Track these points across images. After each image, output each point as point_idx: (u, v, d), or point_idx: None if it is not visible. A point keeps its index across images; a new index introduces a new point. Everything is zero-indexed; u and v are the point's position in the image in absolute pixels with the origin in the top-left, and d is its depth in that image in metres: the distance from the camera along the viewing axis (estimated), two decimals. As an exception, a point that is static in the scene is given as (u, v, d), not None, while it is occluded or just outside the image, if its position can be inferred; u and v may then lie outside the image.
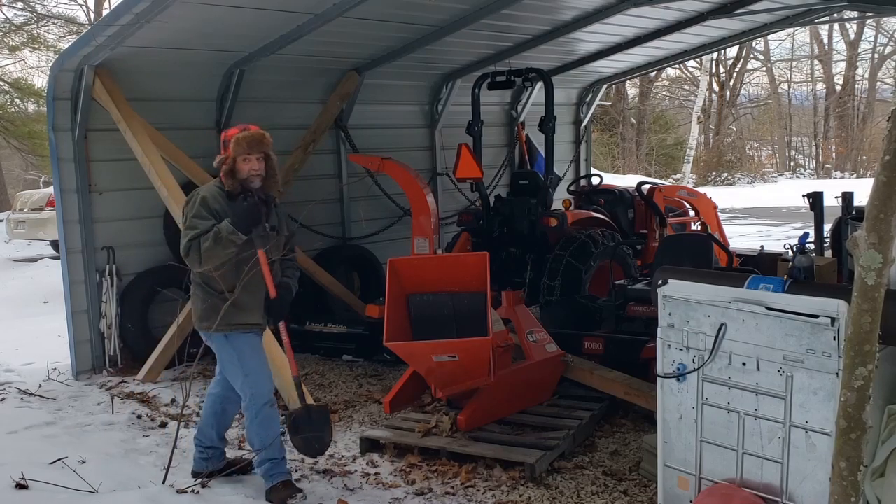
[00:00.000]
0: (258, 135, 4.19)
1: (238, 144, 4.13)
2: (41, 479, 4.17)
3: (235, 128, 4.25)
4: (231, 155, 4.15)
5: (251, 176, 4.18)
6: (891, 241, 2.25)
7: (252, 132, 4.18)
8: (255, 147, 4.17)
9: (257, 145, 4.17)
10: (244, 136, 4.15)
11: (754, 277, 3.62)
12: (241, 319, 4.26)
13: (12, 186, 25.24)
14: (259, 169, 4.20)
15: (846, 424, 2.38)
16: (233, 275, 4.19)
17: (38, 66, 24.54)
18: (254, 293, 4.25)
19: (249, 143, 4.14)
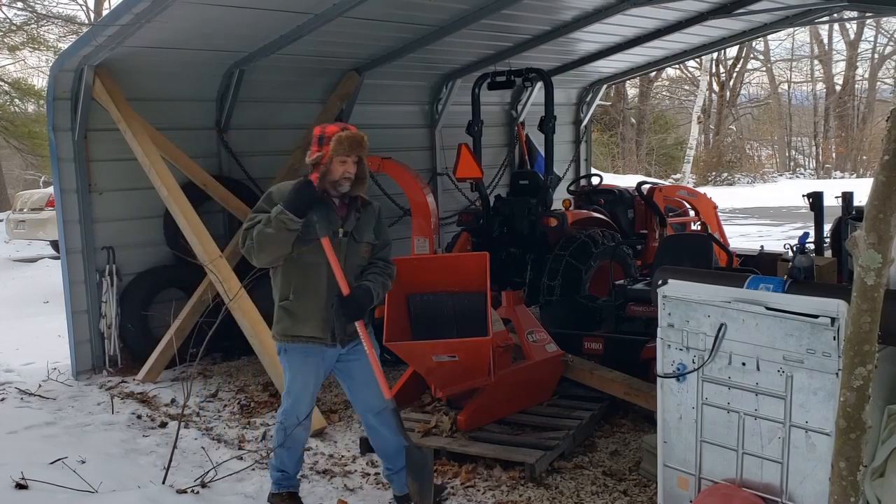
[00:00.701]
0: (358, 136, 3.91)
1: (339, 144, 3.83)
2: (41, 479, 4.17)
3: (335, 125, 3.98)
4: (329, 154, 3.85)
5: (343, 179, 3.90)
6: (890, 241, 2.25)
7: (353, 133, 3.90)
8: (356, 148, 3.88)
9: (357, 147, 3.89)
10: (346, 136, 3.85)
11: (754, 277, 3.62)
12: (296, 331, 4.00)
13: (12, 186, 25.24)
14: (353, 172, 3.92)
15: (846, 424, 2.38)
16: (293, 280, 3.99)
17: (37, 66, 24.56)
18: (310, 301, 3.96)
19: (350, 145, 3.85)
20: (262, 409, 5.97)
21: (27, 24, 21.09)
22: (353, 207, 4.03)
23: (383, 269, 4.13)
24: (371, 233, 4.09)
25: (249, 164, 7.76)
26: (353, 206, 4.04)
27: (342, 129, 3.92)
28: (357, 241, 4.03)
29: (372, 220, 4.12)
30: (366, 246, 4.08)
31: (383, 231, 4.20)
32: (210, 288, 6.54)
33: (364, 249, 4.08)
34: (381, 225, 4.19)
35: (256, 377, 6.65)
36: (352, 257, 4.01)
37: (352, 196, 4.01)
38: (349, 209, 4.02)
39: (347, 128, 3.97)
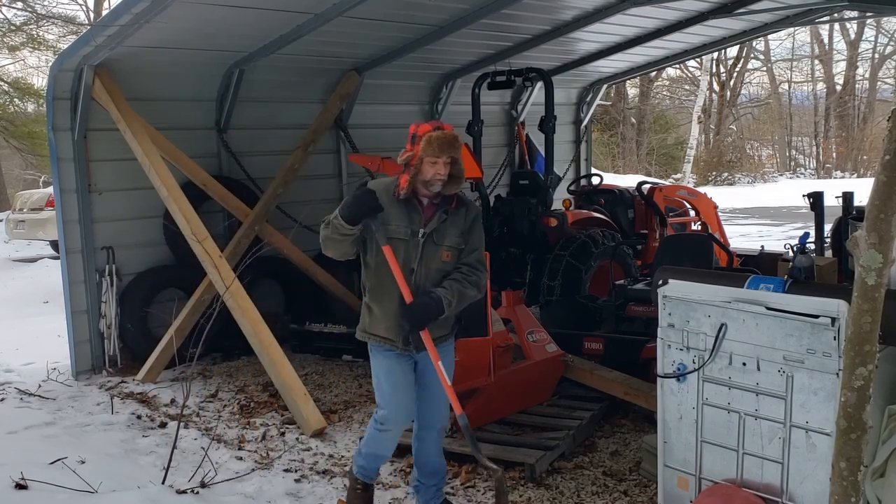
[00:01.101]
0: (451, 136, 3.73)
1: (429, 144, 3.67)
2: (41, 479, 4.16)
3: (429, 124, 3.80)
4: (419, 154, 3.70)
5: (434, 179, 3.73)
6: (891, 241, 2.25)
7: (446, 133, 3.72)
8: (447, 149, 3.69)
9: (448, 147, 3.70)
10: (437, 136, 3.69)
11: (754, 277, 3.62)
12: (373, 330, 3.91)
13: (12, 186, 25.23)
14: (444, 173, 3.73)
15: (846, 424, 2.37)
16: (370, 279, 3.91)
17: (37, 66, 24.58)
18: (384, 302, 3.86)
19: (441, 145, 3.67)
20: (262, 409, 5.97)
21: (27, 24, 21.09)
22: (441, 208, 3.84)
23: (465, 276, 3.85)
24: (457, 236, 3.85)
25: (249, 164, 7.76)
26: (442, 206, 3.84)
27: (435, 129, 3.74)
28: (436, 243, 3.82)
29: (460, 223, 3.87)
30: (446, 250, 3.84)
31: (475, 235, 3.92)
32: (210, 288, 6.54)
33: (444, 253, 3.84)
34: (473, 228, 3.91)
35: (256, 377, 6.64)
36: (429, 261, 3.82)
37: (445, 195, 3.83)
38: (436, 209, 3.84)
39: (441, 126, 3.78)
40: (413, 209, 3.82)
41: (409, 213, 3.82)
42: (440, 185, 3.76)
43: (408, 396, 3.94)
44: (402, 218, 3.81)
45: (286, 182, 7.59)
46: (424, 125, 3.81)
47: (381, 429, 3.96)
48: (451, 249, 3.85)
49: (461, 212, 3.88)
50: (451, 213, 3.85)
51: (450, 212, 3.85)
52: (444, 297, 3.74)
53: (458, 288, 3.80)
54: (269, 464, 4.91)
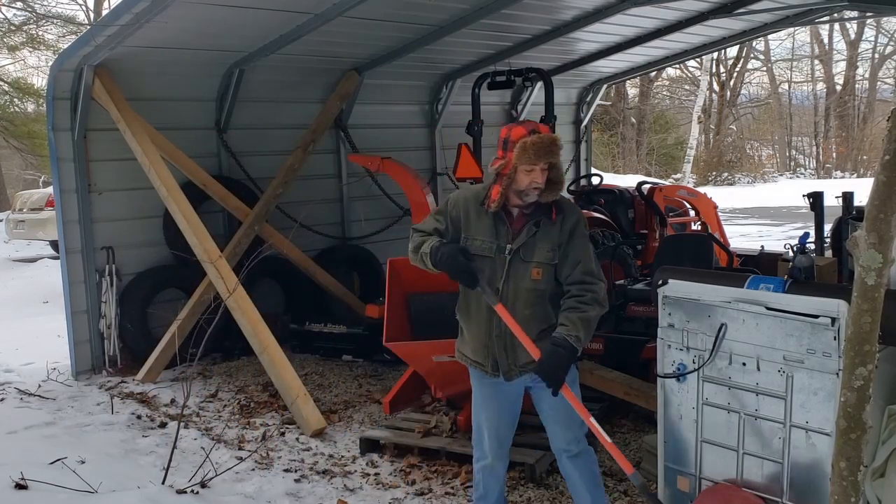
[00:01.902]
0: (548, 140, 3.33)
1: (524, 152, 3.29)
2: (41, 479, 4.16)
3: (523, 126, 3.39)
4: (513, 162, 3.33)
5: (530, 189, 3.36)
6: (891, 241, 2.25)
7: (542, 137, 3.32)
8: (544, 155, 3.32)
9: (546, 153, 3.32)
10: (533, 141, 3.30)
11: (754, 277, 3.61)
12: (463, 349, 3.66)
13: (12, 186, 25.24)
14: (542, 181, 3.36)
15: (846, 424, 2.37)
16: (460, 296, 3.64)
17: (37, 65, 24.58)
18: (472, 323, 3.56)
19: (538, 152, 3.30)
20: (262, 409, 5.97)
21: (27, 24, 21.09)
22: (532, 219, 3.44)
23: (578, 299, 3.41)
24: (549, 251, 3.42)
25: (249, 164, 7.76)
26: (534, 216, 3.44)
27: (529, 132, 3.34)
28: (524, 260, 3.43)
29: (555, 235, 3.44)
30: (535, 266, 3.43)
31: (576, 245, 3.45)
32: (210, 288, 6.54)
33: (533, 271, 3.43)
34: (573, 238, 3.45)
35: (256, 377, 6.64)
36: (517, 279, 3.43)
37: (540, 203, 3.43)
38: (526, 221, 3.45)
39: (537, 129, 3.37)
40: (500, 221, 3.46)
41: (495, 225, 3.46)
42: (536, 195, 3.39)
43: (499, 427, 3.65)
44: (488, 232, 3.46)
45: (286, 182, 7.59)
46: (518, 128, 3.40)
47: (476, 461, 3.73)
48: (540, 266, 3.44)
49: (556, 223, 3.44)
50: (543, 224, 3.45)
51: (542, 223, 3.45)
52: (568, 335, 3.33)
53: (578, 317, 3.37)
54: (269, 464, 4.91)
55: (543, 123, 7.62)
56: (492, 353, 3.51)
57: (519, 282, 3.44)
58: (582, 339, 3.35)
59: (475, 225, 3.49)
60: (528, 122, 3.45)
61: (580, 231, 3.49)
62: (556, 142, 3.38)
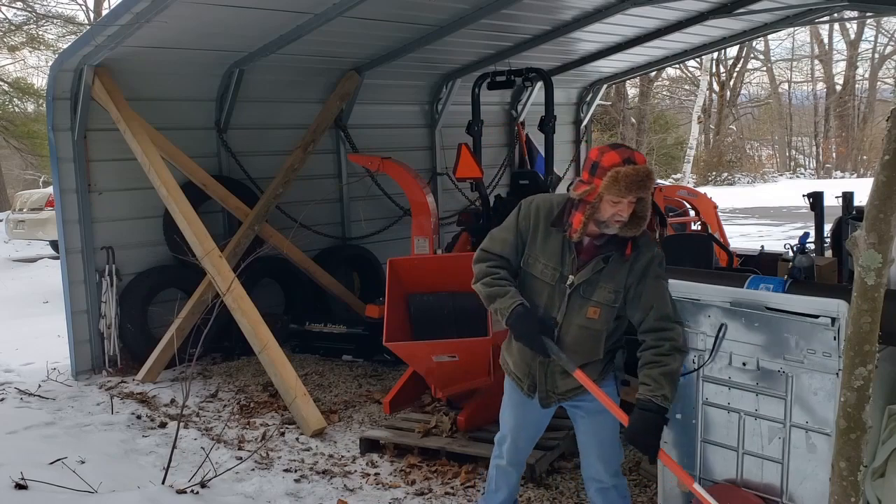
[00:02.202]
0: (643, 173, 2.98)
1: (615, 183, 2.96)
2: (41, 479, 4.16)
3: (617, 153, 3.02)
4: (599, 191, 3.00)
5: (612, 221, 3.07)
6: (890, 240, 2.25)
7: (638, 169, 2.97)
8: (636, 189, 2.99)
9: (638, 187, 2.99)
10: (627, 173, 2.95)
11: (754, 277, 3.62)
12: (507, 357, 3.47)
13: (12, 186, 25.25)
14: (626, 215, 3.06)
15: (846, 424, 2.37)
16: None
17: (37, 65, 24.60)
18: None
19: (629, 186, 2.97)
20: (262, 409, 5.97)
21: (26, 24, 21.10)
22: (601, 253, 3.15)
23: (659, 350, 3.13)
24: (611, 292, 3.16)
25: (249, 164, 7.76)
26: (605, 250, 3.15)
27: (623, 161, 2.99)
28: (583, 296, 3.17)
29: (622, 276, 3.15)
30: (594, 306, 3.17)
31: (648, 288, 3.15)
32: (209, 288, 6.54)
33: (590, 309, 3.18)
34: (644, 280, 3.15)
35: (256, 377, 6.64)
36: (573, 314, 3.20)
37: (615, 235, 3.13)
38: (595, 253, 3.16)
39: (632, 158, 3.01)
40: (568, 248, 3.17)
41: (562, 251, 3.19)
42: (617, 228, 3.10)
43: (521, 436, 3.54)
44: (553, 256, 3.20)
45: (286, 182, 7.59)
46: (610, 153, 3.03)
47: (494, 457, 3.65)
48: (599, 306, 3.18)
49: (628, 260, 3.15)
50: (612, 260, 3.15)
51: (612, 259, 3.15)
52: (654, 396, 3.09)
53: (660, 372, 3.10)
54: (269, 464, 4.91)
55: (543, 123, 7.67)
56: (532, 375, 3.35)
57: (574, 317, 3.21)
58: (669, 397, 3.11)
59: (541, 245, 3.22)
60: (623, 147, 3.07)
61: (654, 271, 3.17)
62: (650, 175, 3.03)
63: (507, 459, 3.62)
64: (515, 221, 3.29)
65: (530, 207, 3.27)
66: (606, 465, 3.43)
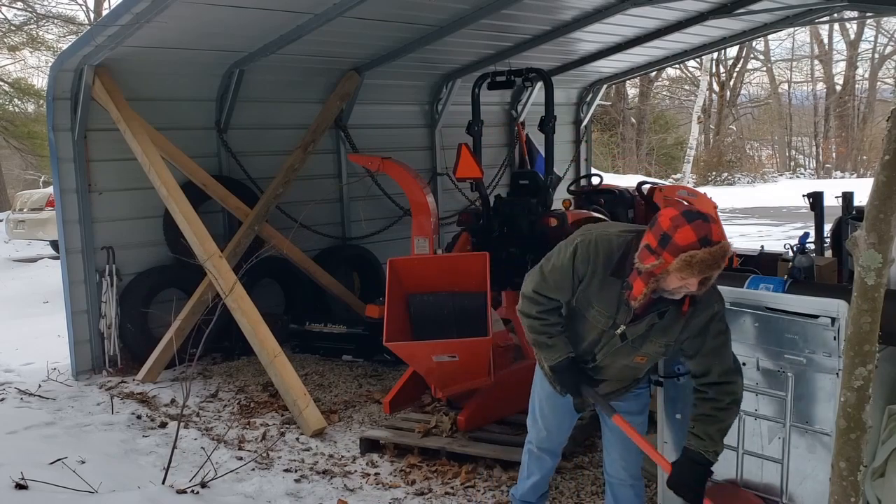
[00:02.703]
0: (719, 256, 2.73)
1: (688, 266, 2.73)
2: (41, 479, 4.16)
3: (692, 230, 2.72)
4: (668, 268, 2.76)
5: (679, 292, 2.87)
6: (891, 240, 2.25)
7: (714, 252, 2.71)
8: (708, 271, 2.76)
9: (711, 269, 2.76)
10: (702, 258, 2.71)
11: (754, 277, 3.61)
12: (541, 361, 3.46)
13: (12, 186, 25.25)
14: (696, 291, 2.85)
15: (846, 424, 2.37)
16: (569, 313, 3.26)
17: (37, 66, 24.59)
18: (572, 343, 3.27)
19: (703, 269, 2.75)
20: (262, 409, 5.97)
21: (27, 24, 21.10)
22: (659, 307, 2.99)
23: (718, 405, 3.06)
24: (661, 346, 3.08)
25: (249, 164, 7.76)
26: (663, 304, 2.97)
27: (700, 241, 2.71)
28: (633, 347, 3.11)
29: (675, 330, 3.03)
30: (642, 355, 3.14)
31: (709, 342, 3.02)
32: (209, 288, 6.54)
33: (638, 358, 3.15)
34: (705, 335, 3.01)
35: (256, 377, 6.64)
36: (618, 356, 3.17)
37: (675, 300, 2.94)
38: (651, 307, 3.00)
39: (709, 237, 2.72)
40: (624, 299, 3.01)
41: (618, 301, 3.04)
42: (680, 296, 2.92)
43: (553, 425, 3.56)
44: (609, 303, 3.06)
45: (286, 182, 7.59)
46: (686, 229, 2.73)
47: (527, 442, 3.68)
48: (647, 356, 3.16)
49: (685, 316, 2.99)
50: (668, 315, 3.01)
51: (668, 315, 3.01)
52: (706, 451, 3.05)
53: (717, 430, 3.05)
54: (269, 464, 4.91)
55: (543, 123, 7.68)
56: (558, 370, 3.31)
57: (619, 358, 3.19)
58: (720, 452, 3.08)
59: (597, 292, 3.07)
60: (699, 220, 2.75)
61: (714, 328, 3.02)
62: (726, 256, 2.78)
63: (536, 444, 3.66)
64: (572, 265, 3.10)
65: (588, 249, 3.07)
66: (627, 465, 3.47)
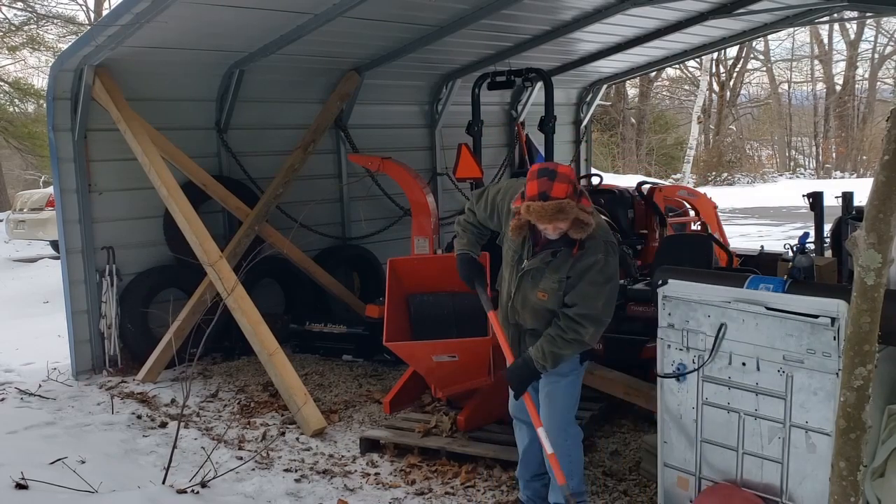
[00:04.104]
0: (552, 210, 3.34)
1: (529, 214, 3.39)
2: (41, 479, 4.17)
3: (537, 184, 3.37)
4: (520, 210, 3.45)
5: (543, 231, 3.53)
6: (890, 240, 2.25)
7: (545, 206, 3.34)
8: (547, 221, 3.39)
9: (550, 219, 3.38)
10: (535, 209, 3.36)
11: (754, 277, 3.62)
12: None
13: (12, 186, 25.26)
14: (554, 234, 3.49)
15: (846, 424, 2.37)
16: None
17: (37, 66, 24.58)
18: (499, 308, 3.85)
19: (540, 219, 3.39)
20: (262, 409, 5.97)
21: (27, 25, 21.10)
22: (551, 248, 3.54)
23: (562, 333, 3.54)
24: (554, 282, 3.53)
25: (249, 164, 7.76)
26: (555, 246, 3.53)
27: (539, 195, 3.34)
28: (532, 281, 3.61)
29: (564, 269, 3.51)
30: (541, 291, 3.59)
31: (582, 287, 3.49)
32: (210, 288, 6.54)
33: (539, 293, 3.59)
34: (582, 280, 3.49)
35: (256, 377, 6.65)
36: (525, 293, 3.65)
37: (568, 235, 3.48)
38: (546, 247, 3.56)
39: (548, 193, 3.34)
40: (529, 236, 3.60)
41: (524, 238, 3.62)
42: (557, 236, 3.50)
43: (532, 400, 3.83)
44: (517, 242, 3.65)
45: (286, 182, 7.59)
46: (532, 183, 3.38)
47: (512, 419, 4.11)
48: (546, 291, 3.59)
49: (573, 258, 3.50)
50: (560, 255, 3.52)
51: (559, 255, 3.53)
52: (536, 361, 3.60)
53: (551, 351, 3.56)
54: (270, 464, 4.91)
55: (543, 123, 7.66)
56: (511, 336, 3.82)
57: (527, 296, 3.65)
58: (547, 369, 3.62)
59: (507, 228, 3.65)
60: (546, 178, 3.36)
61: (592, 276, 3.48)
62: (563, 209, 3.32)
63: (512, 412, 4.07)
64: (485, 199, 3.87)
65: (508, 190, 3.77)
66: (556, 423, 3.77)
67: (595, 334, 3.56)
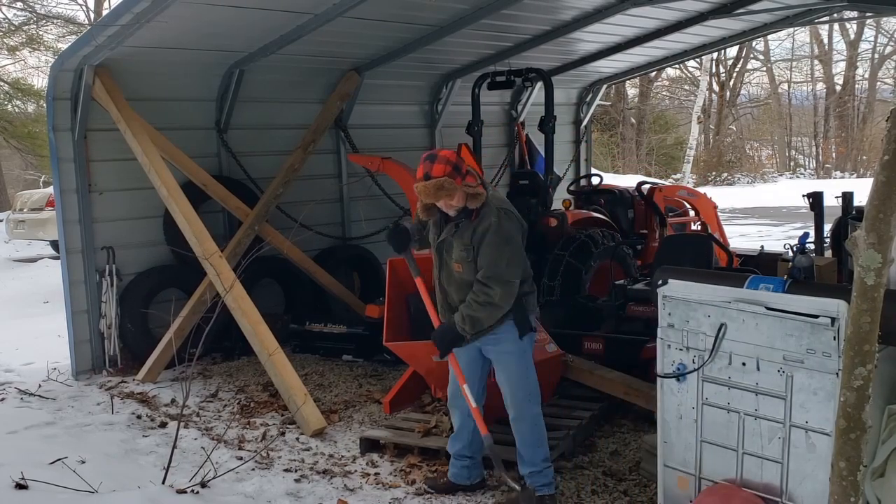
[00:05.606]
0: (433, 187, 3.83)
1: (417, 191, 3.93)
2: (41, 479, 4.17)
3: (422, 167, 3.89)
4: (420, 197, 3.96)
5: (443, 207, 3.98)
6: (890, 241, 2.25)
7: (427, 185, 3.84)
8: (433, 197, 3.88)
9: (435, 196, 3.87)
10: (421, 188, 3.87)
11: (754, 277, 3.62)
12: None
13: (12, 186, 25.25)
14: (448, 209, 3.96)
15: (846, 424, 2.37)
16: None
17: (37, 66, 24.57)
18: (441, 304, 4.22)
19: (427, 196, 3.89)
20: (262, 409, 5.97)
21: (26, 25, 21.09)
22: (457, 220, 3.97)
23: (474, 297, 3.91)
24: (462, 250, 3.95)
25: (249, 164, 7.76)
26: (459, 217, 3.97)
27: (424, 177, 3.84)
28: (447, 254, 4.04)
29: (468, 237, 3.93)
30: (455, 262, 4.00)
31: (483, 249, 3.90)
32: (209, 288, 6.54)
33: (455, 265, 4.01)
34: (482, 242, 3.89)
35: (256, 377, 6.65)
36: (447, 269, 4.07)
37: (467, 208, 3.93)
38: (454, 219, 3.99)
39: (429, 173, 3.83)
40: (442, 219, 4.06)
41: (439, 220, 4.07)
42: (455, 212, 3.93)
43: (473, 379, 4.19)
44: (436, 225, 4.09)
45: (286, 182, 7.59)
46: (420, 166, 3.88)
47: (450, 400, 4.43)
48: (460, 262, 3.98)
49: (473, 224, 3.92)
50: (461, 225, 3.95)
51: (461, 224, 3.96)
52: (458, 323, 3.95)
53: (468, 314, 3.92)
54: (270, 464, 4.91)
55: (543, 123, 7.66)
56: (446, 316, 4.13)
57: (448, 273, 4.06)
58: (468, 331, 3.95)
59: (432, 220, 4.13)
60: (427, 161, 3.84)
61: (489, 238, 3.86)
62: (442, 186, 3.78)
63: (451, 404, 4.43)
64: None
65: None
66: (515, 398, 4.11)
67: (504, 295, 3.87)
